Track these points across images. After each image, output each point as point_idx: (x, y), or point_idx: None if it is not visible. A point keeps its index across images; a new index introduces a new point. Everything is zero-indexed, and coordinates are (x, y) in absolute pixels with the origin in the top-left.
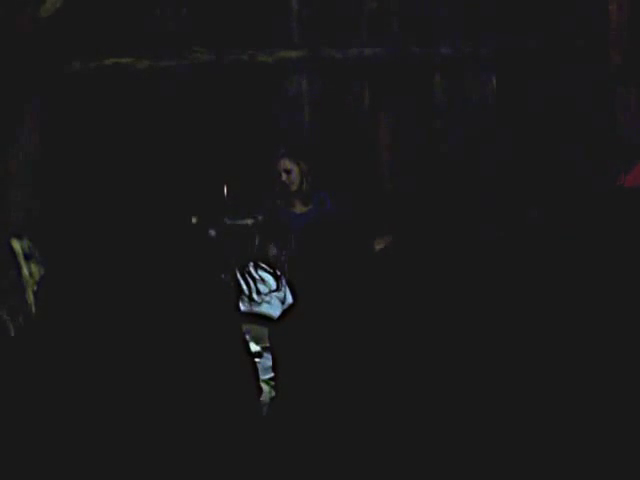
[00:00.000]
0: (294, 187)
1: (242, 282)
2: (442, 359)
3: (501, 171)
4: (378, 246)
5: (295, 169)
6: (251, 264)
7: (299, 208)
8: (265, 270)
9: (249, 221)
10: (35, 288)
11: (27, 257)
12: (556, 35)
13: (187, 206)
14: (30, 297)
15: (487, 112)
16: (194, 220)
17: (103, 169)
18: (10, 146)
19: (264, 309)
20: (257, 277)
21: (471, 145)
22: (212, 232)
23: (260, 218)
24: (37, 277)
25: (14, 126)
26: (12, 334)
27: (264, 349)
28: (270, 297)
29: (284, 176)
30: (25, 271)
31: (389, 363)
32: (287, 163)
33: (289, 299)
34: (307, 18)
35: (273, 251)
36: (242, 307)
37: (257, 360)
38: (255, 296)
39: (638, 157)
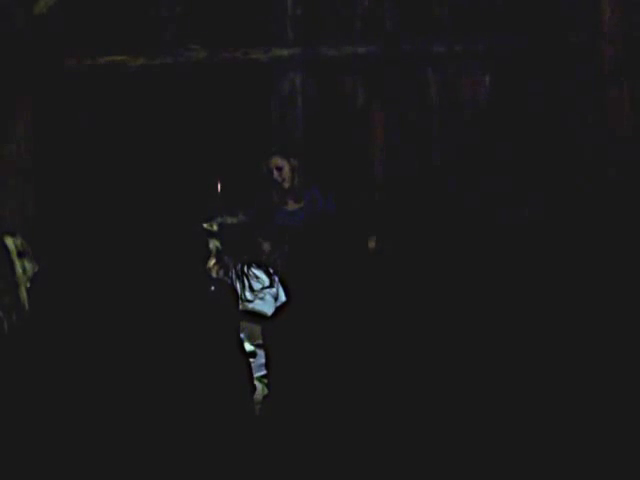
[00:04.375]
0: (286, 184)
1: (236, 281)
2: (435, 357)
3: (495, 169)
4: (372, 244)
5: (286, 166)
6: (244, 263)
7: (291, 205)
8: (258, 267)
9: (242, 218)
10: (28, 285)
11: (20, 254)
12: (550, 34)
13: (181, 204)
14: (23, 294)
15: (481, 110)
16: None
17: (97, 167)
18: (4, 144)
19: (257, 306)
20: (250, 274)
21: (465, 143)
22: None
23: (253, 216)
24: (30, 274)
25: (8, 124)
26: (5, 331)
27: (257, 347)
28: (263, 294)
29: (275, 173)
30: (18, 268)
31: (383, 360)
32: (278, 160)
33: (282, 297)
34: (301, 16)
35: (266, 247)
36: None
37: (251, 360)
38: (248, 294)
39: (630, 155)
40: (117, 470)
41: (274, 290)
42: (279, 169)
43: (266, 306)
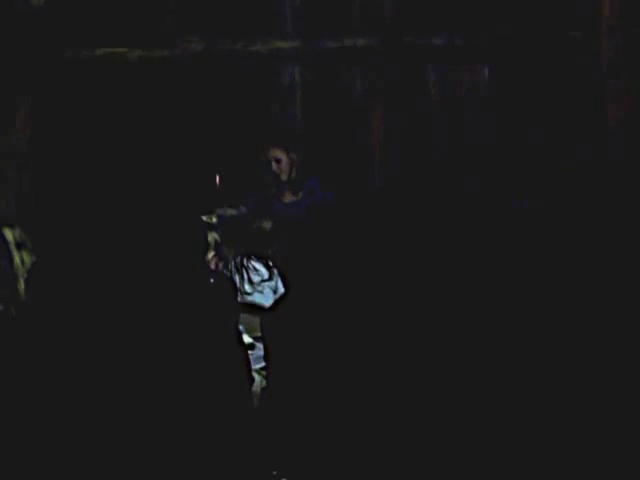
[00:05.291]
0: (283, 176)
1: (235, 273)
2: (433, 354)
3: (493, 160)
4: (370, 238)
5: (284, 158)
6: (243, 255)
7: (288, 197)
8: (257, 260)
9: (242, 210)
10: (27, 277)
11: (19, 246)
12: (549, 27)
13: (179, 196)
14: (21, 286)
15: (480, 103)
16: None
17: (95, 159)
18: (2, 135)
19: (256, 299)
20: (249, 267)
21: (464, 136)
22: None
23: (252, 207)
24: (29, 266)
25: (7, 115)
26: (4, 324)
27: (256, 339)
28: (262, 287)
29: (274, 165)
30: (17, 260)
31: (383, 352)
32: (277, 152)
33: (281, 289)
34: (301, 8)
35: (268, 225)
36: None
37: (249, 352)
38: (247, 286)
39: (630, 151)
40: (115, 461)
41: (273, 283)
42: (278, 161)
43: (265, 299)
